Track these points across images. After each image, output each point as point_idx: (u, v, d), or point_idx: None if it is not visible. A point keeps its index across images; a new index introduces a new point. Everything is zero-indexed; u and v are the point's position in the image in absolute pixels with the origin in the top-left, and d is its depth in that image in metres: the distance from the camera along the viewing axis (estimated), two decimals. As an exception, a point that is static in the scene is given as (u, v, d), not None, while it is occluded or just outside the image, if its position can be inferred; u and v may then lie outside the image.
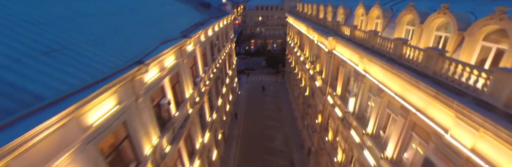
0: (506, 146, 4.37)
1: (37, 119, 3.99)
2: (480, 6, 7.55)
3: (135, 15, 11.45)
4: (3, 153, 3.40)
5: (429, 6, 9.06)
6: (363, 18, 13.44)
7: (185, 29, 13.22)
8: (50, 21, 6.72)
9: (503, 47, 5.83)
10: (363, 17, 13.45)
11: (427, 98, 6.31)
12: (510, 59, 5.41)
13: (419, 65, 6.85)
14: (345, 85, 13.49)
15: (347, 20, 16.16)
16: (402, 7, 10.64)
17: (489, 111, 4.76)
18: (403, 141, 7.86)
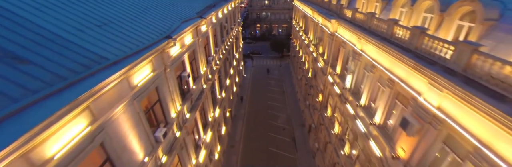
0: (462, 102, 5.69)
1: (106, 73, 5.40)
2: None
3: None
4: (85, 96, 4.78)
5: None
6: (364, 1, 14.25)
7: (199, 10, 14.27)
8: (97, 1, 7.96)
9: (473, 25, 6.94)
10: (364, 1, 14.26)
11: (409, 69, 7.57)
12: (475, 35, 6.56)
13: (405, 42, 8.01)
14: (344, 64, 14.70)
15: (350, 3, 16.87)
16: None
17: (451, 75, 6.06)
18: (388, 108, 9.26)
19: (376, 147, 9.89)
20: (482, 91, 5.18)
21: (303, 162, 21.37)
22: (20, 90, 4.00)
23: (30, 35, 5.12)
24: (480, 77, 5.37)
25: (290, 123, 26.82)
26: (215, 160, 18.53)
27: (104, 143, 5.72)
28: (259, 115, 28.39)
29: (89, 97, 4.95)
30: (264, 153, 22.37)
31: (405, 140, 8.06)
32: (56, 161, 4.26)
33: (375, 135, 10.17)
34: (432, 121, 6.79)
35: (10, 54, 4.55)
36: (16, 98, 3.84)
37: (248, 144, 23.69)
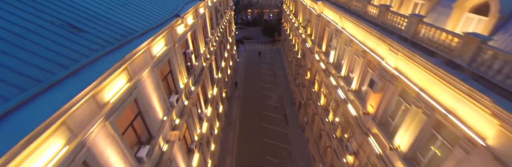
0: (409, 61, 7.54)
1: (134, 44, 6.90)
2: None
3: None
4: (126, 58, 6.25)
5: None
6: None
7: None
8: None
9: (424, 2, 8.64)
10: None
11: (376, 40, 9.35)
12: (424, 10, 8.30)
13: (375, 18, 9.73)
14: (328, 42, 16.47)
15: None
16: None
17: (403, 41, 7.87)
18: (362, 75, 11.19)
19: (353, 108, 11.95)
20: (422, 50, 7.04)
21: (294, 135, 23.77)
22: (84, 49, 5.53)
23: (79, 12, 6.54)
24: (422, 41, 7.20)
25: (282, 102, 28.98)
26: (215, 135, 20.57)
27: (137, 99, 7.36)
28: (253, 96, 30.35)
29: (128, 59, 6.46)
30: (258, 129, 24.60)
31: (373, 97, 10.07)
32: (111, 105, 5.83)
33: (352, 99, 12.20)
34: (391, 78, 8.71)
35: (69, 24, 6.00)
36: (85, 54, 5.39)
37: (243, 122, 25.81)
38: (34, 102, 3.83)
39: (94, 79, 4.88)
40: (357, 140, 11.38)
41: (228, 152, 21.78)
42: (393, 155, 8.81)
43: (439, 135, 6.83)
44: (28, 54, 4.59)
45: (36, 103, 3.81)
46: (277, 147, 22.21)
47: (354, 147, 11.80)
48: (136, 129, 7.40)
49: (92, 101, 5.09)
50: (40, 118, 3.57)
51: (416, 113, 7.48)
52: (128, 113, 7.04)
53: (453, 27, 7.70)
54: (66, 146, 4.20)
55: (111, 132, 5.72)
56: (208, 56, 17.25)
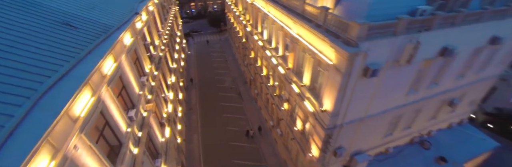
0: (302, 27, 11.95)
1: (115, 35, 9.62)
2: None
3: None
4: (113, 47, 9.09)
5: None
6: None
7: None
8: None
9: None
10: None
11: (287, 17, 13.67)
12: None
13: (285, 3, 14.19)
14: (261, 24, 20.91)
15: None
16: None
17: (299, 15, 12.37)
18: (283, 43, 15.88)
19: (281, 68, 16.65)
20: (307, 19, 11.60)
21: (248, 107, 28.22)
22: (84, 41, 8.23)
23: (67, 14, 8.99)
24: (306, 14, 11.78)
25: (235, 83, 33.20)
26: (179, 117, 23.31)
27: (121, 76, 10.11)
28: (209, 82, 33.61)
29: (113, 48, 9.30)
30: (217, 108, 28.28)
31: (290, 57, 14.77)
32: (109, 76, 8.64)
33: (280, 62, 16.94)
34: (296, 41, 13.24)
35: (65, 22, 8.50)
36: (85, 43, 8.12)
37: (203, 104, 29.06)
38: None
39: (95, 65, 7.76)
40: (287, 90, 16.16)
41: (194, 131, 24.91)
42: (304, 90, 13.68)
43: (319, 67, 11.70)
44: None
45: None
46: (235, 118, 26.43)
47: (286, 95, 16.64)
48: (124, 99, 10.24)
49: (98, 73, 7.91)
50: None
51: (309, 58, 12.18)
52: (118, 85, 9.86)
53: (320, 4, 12.45)
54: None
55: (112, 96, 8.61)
56: (162, 48, 19.72)
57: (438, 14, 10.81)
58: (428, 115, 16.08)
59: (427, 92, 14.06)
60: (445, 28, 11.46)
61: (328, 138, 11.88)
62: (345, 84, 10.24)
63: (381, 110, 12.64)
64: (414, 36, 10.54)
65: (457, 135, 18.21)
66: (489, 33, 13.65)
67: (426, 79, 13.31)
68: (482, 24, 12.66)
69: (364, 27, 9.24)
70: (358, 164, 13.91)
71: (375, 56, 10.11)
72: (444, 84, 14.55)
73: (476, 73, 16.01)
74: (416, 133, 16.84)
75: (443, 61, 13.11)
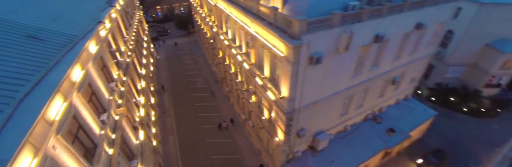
0: (258, 25, 13.47)
1: (80, 45, 10.37)
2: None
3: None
4: (79, 56, 9.88)
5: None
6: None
7: (106, 0, 18.03)
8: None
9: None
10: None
11: (245, 17, 15.06)
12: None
13: (242, 4, 15.63)
14: (225, 24, 22.14)
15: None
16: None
17: (255, 15, 13.88)
18: (245, 41, 17.28)
19: (246, 65, 18.06)
20: (261, 19, 13.14)
21: (222, 105, 29.33)
22: (52, 51, 8.96)
23: (32, 28, 9.58)
24: (261, 14, 13.30)
25: (208, 82, 34.10)
26: (153, 121, 23.86)
27: (90, 82, 10.86)
28: (181, 84, 34.11)
29: (80, 56, 10.06)
30: (191, 108, 28.99)
31: (252, 53, 16.23)
32: (78, 84, 9.45)
33: (244, 59, 18.27)
34: (255, 38, 14.75)
35: (30, 35, 9.14)
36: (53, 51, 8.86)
37: (177, 106, 29.61)
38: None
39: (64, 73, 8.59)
40: (253, 83, 17.65)
41: (169, 133, 25.51)
42: (266, 81, 15.35)
43: (275, 59, 13.34)
44: None
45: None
46: (210, 117, 27.40)
47: (253, 89, 18.19)
48: (95, 103, 10.99)
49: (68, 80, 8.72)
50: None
51: (267, 53, 13.78)
52: (88, 91, 10.60)
53: (272, 4, 14.00)
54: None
55: (83, 101, 9.42)
56: (129, 53, 20.18)
57: (366, 8, 12.90)
58: (376, 94, 18.56)
59: (370, 74, 16.38)
60: (375, 19, 13.63)
61: (289, 121, 13.59)
62: (296, 71, 11.95)
63: (332, 92, 14.63)
64: (348, 27, 12.52)
65: (404, 109, 21.11)
66: (414, 21, 16.23)
67: (367, 63, 15.55)
68: (406, 14, 15.13)
69: (303, 23, 10.96)
70: (320, 143, 15.88)
71: (317, 46, 11.93)
72: (384, 65, 17.00)
73: (410, 55, 18.76)
74: (369, 110, 19.31)
75: (378, 47, 15.40)
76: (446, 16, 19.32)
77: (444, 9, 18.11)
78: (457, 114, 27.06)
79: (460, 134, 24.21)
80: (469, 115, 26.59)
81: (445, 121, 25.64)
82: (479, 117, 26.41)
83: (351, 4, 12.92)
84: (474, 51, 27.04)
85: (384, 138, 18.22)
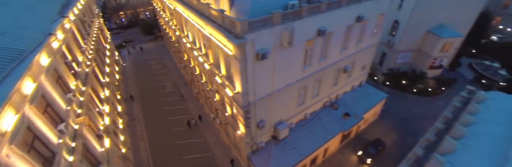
0: (211, 28, 14.43)
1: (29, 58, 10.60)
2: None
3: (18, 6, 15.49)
4: (29, 69, 10.16)
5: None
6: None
7: (59, 10, 17.87)
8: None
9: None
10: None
11: (200, 20, 15.87)
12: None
13: (196, 6, 16.56)
14: (186, 27, 22.66)
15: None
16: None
17: (207, 17, 14.82)
18: (203, 43, 18.07)
19: (207, 65, 18.82)
20: (212, 21, 14.13)
21: (191, 106, 29.84)
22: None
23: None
24: (211, 17, 14.23)
25: (177, 86, 34.33)
26: (121, 129, 23.77)
27: (44, 94, 11.12)
28: (150, 90, 33.98)
29: (30, 70, 10.32)
30: (161, 113, 29.14)
31: (209, 53, 17.18)
32: (29, 96, 9.76)
33: (205, 60, 19.02)
34: (209, 40, 15.64)
35: None
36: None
37: (147, 113, 29.58)
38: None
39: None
40: (215, 82, 18.47)
41: (139, 139, 25.60)
42: (223, 79, 16.25)
43: (227, 58, 14.35)
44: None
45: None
46: (180, 119, 27.82)
47: (215, 87, 19.08)
48: (51, 114, 11.27)
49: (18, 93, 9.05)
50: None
51: (220, 52, 14.77)
52: (42, 103, 10.87)
53: (222, 7, 15.00)
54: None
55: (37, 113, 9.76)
56: (88, 63, 20.10)
57: (304, 6, 14.25)
58: (330, 83, 20.29)
59: (320, 65, 17.96)
60: (315, 15, 15.02)
61: (246, 114, 14.71)
62: (245, 68, 13.04)
63: (285, 84, 15.96)
64: (289, 24, 13.81)
65: (358, 94, 23.21)
66: (354, 14, 17.96)
67: (315, 55, 17.06)
68: (345, 8, 16.75)
69: (244, 23, 12.03)
70: (281, 132, 17.22)
71: (262, 43, 13.08)
72: (332, 56, 18.67)
73: (356, 45, 20.68)
74: (326, 98, 21.05)
75: (323, 40, 16.94)
76: (385, 8, 21.34)
77: (381, 1, 20.09)
78: (409, 95, 30.03)
79: (411, 112, 27.02)
80: (419, 95, 29.63)
81: (398, 102, 28.39)
82: (427, 96, 29.52)
83: (290, 3, 14.22)
84: (418, 37, 30.01)
85: (340, 122, 20.02)
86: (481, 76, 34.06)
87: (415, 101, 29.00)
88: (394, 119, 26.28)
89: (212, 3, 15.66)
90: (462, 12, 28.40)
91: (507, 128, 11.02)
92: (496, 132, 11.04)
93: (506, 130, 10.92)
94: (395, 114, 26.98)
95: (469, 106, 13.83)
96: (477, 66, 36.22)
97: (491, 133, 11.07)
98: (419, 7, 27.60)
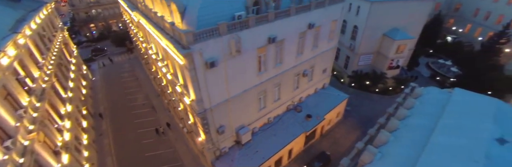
0: (165, 39, 14.91)
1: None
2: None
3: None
4: None
5: None
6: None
7: (11, 26, 17.68)
8: None
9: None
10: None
11: (158, 33, 16.36)
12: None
13: (153, 18, 17.10)
14: (149, 39, 22.97)
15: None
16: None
17: (162, 30, 15.32)
18: (163, 54, 18.49)
19: (169, 75, 19.08)
20: (166, 33, 14.65)
21: (162, 117, 29.61)
22: None
23: None
24: (165, 29, 14.75)
25: (148, 98, 34.05)
26: (85, 144, 23.00)
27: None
28: (120, 103, 33.36)
29: None
30: (131, 125, 28.66)
31: (169, 64, 17.63)
32: None
33: (167, 70, 19.36)
34: (167, 51, 16.04)
35: None
36: None
37: (116, 126, 28.97)
38: None
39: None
40: (176, 92, 18.70)
41: (107, 154, 24.97)
42: (182, 87, 16.85)
43: (182, 68, 14.67)
44: None
45: None
46: (151, 131, 27.50)
47: (178, 96, 19.31)
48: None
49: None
50: None
51: (176, 63, 15.28)
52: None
53: (175, 20, 15.62)
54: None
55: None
56: (46, 79, 19.78)
57: (251, 16, 15.18)
58: (290, 87, 21.26)
59: (276, 70, 18.89)
60: (264, 24, 15.97)
61: (203, 121, 15.15)
62: (195, 76, 13.62)
63: (241, 90, 16.65)
64: (236, 34, 14.66)
65: (321, 96, 24.37)
66: (305, 22, 19.20)
67: (270, 61, 17.98)
68: (295, 17, 17.91)
69: (189, 35, 12.71)
70: (242, 136, 17.75)
71: (210, 52, 13.78)
72: (289, 61, 19.70)
73: (312, 50, 21.94)
74: (289, 101, 21.96)
75: (276, 46, 17.95)
76: (336, 15, 22.90)
77: (332, 9, 21.59)
78: (373, 94, 31.79)
79: (374, 111, 28.55)
80: (381, 94, 31.45)
81: (362, 102, 29.93)
82: (389, 94, 31.39)
83: (237, 14, 15.14)
84: (375, 41, 32.18)
85: (303, 124, 20.89)
86: (437, 74, 36.78)
87: (378, 100, 30.72)
88: (358, 118, 27.63)
89: (167, 16, 16.29)
90: (411, 17, 30.99)
91: (431, 119, 12.24)
92: (422, 123, 12.23)
93: (429, 120, 12.14)
94: (359, 113, 28.38)
95: (407, 101, 15.13)
96: (433, 65, 39.10)
97: (419, 124, 12.25)
98: (373, 13, 29.83)
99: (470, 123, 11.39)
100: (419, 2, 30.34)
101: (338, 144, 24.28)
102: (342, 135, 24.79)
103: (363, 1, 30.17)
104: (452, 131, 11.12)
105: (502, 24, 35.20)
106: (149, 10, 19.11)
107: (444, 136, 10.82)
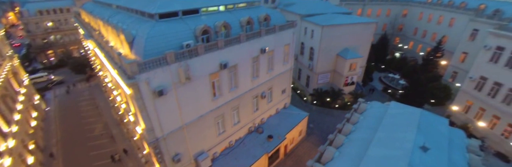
0: (115, 69, 14.78)
1: None
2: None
3: None
4: None
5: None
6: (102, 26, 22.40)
7: None
8: None
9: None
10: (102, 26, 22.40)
11: (107, 61, 16.25)
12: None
13: (104, 48, 16.82)
14: (103, 67, 22.51)
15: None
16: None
17: (113, 60, 15.11)
18: (112, 79, 18.04)
19: (124, 104, 18.57)
20: (115, 63, 14.40)
21: (121, 148, 27.56)
22: None
23: None
24: (114, 58, 14.63)
25: (107, 127, 31.96)
26: None
27: None
28: (75, 135, 30.80)
29: None
30: (86, 159, 26.31)
31: (121, 94, 17.18)
32: None
33: (121, 99, 18.90)
34: (116, 80, 15.83)
35: None
36: None
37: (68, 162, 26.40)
38: None
39: None
40: (130, 120, 17.96)
41: None
42: (134, 116, 16.28)
43: (131, 97, 14.43)
44: None
45: None
46: (108, 163, 25.48)
47: (132, 125, 18.40)
48: None
49: None
50: None
51: (122, 92, 14.86)
52: None
53: (125, 50, 15.82)
54: None
55: None
56: (-18, 113, 18.16)
57: (200, 44, 15.85)
58: (250, 109, 21.70)
59: (232, 94, 19.37)
60: (213, 52, 16.66)
61: (156, 150, 14.72)
62: (143, 105, 13.53)
63: (197, 116, 16.68)
64: (184, 62, 15.11)
65: (282, 116, 25.08)
66: (257, 47, 20.35)
67: (224, 85, 18.48)
68: (246, 43, 18.94)
69: (133, 65, 12.87)
70: (201, 163, 17.33)
71: (159, 81, 13.94)
72: (244, 85, 20.37)
73: (268, 73, 23.03)
74: (250, 123, 22.23)
75: (229, 71, 18.63)
76: (288, 39, 24.60)
77: (283, 35, 23.25)
78: (333, 110, 33.35)
79: (335, 126, 29.64)
80: (341, 110, 33.13)
81: (324, 118, 31.15)
82: (348, 109, 33.14)
83: (185, 43, 15.76)
84: (331, 60, 34.76)
85: (264, 145, 21.05)
86: (388, 87, 40.15)
87: (338, 115, 32.21)
88: (320, 135, 28.47)
89: (118, 45, 16.43)
90: (359, 38, 34.41)
91: (370, 132, 13.27)
92: (363, 136, 13.18)
93: (369, 134, 13.14)
94: (321, 130, 29.32)
95: (352, 116, 16.26)
96: (384, 79, 42.78)
97: (360, 138, 13.17)
98: (325, 36, 32.69)
99: (398, 134, 12.54)
100: (364, 24, 34.05)
101: (303, 162, 24.45)
102: (306, 152, 25.16)
103: (315, 25, 33.17)
104: (384, 143, 12.11)
105: (436, 40, 40.46)
106: (102, 39, 19.18)
107: (378, 148, 11.73)
